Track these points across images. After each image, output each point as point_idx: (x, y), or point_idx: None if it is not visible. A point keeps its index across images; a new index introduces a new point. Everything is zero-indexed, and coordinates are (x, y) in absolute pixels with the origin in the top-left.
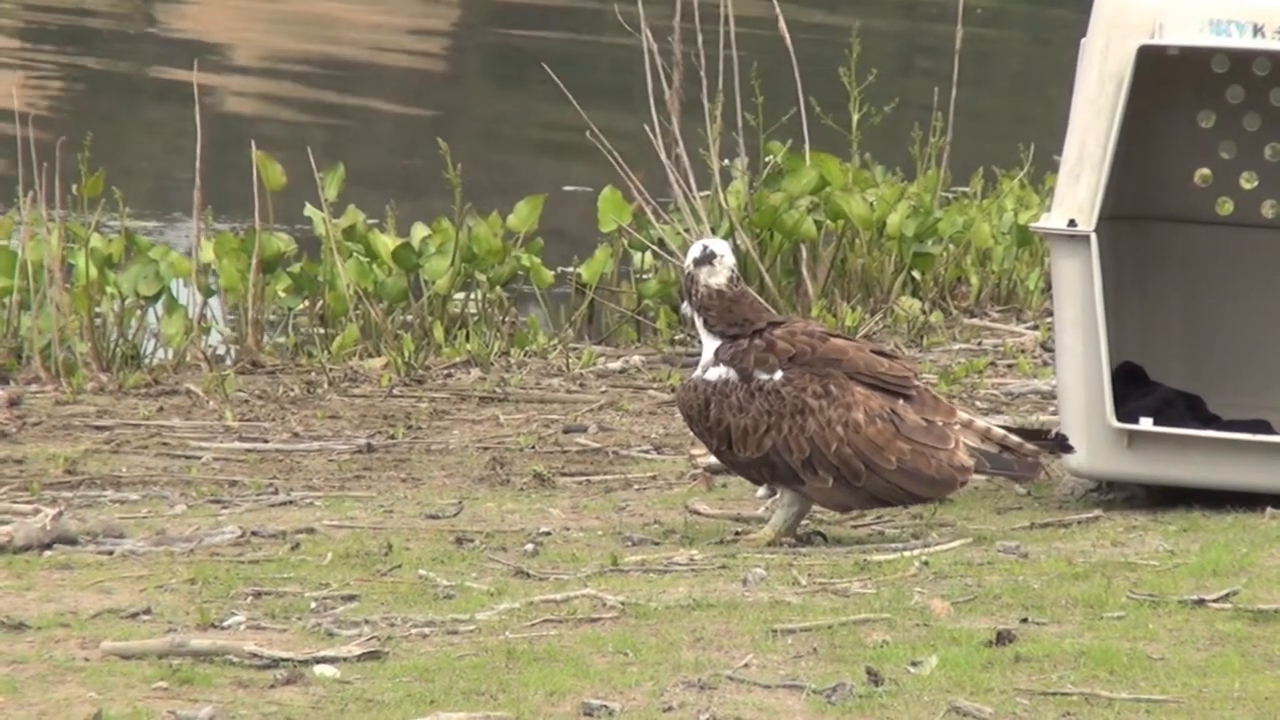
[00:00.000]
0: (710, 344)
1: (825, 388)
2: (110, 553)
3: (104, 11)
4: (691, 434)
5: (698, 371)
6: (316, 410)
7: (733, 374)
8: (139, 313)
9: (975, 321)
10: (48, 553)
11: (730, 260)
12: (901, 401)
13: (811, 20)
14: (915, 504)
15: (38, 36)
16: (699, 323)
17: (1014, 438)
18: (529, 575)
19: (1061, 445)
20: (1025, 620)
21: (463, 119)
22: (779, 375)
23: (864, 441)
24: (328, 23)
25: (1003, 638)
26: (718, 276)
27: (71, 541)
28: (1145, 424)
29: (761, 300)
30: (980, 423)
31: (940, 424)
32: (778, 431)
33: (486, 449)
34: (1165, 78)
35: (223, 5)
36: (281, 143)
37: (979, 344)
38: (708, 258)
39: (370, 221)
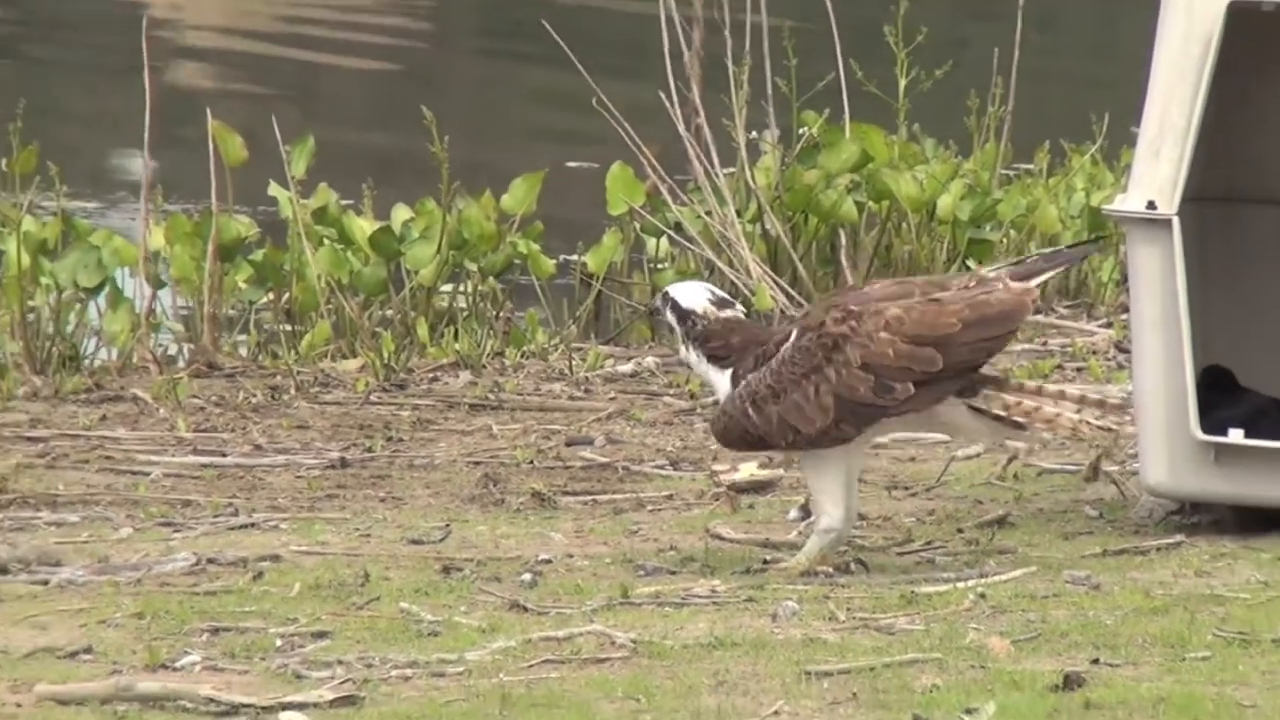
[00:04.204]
0: (723, 374)
1: (844, 313)
2: (45, 583)
3: None
4: (738, 454)
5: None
6: (282, 419)
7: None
8: (78, 307)
9: (1040, 319)
10: None
11: None
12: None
13: None
14: (1000, 350)
15: None
16: (715, 366)
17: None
18: (526, 609)
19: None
20: (1096, 661)
21: (451, 85)
22: (789, 343)
23: (916, 325)
24: None
25: (1071, 681)
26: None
27: (1, 570)
28: (1235, 436)
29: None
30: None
31: (973, 280)
32: (827, 381)
33: (478, 464)
34: (1260, 38)
35: None
36: (242, 112)
37: (1044, 344)
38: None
39: (345, 202)
